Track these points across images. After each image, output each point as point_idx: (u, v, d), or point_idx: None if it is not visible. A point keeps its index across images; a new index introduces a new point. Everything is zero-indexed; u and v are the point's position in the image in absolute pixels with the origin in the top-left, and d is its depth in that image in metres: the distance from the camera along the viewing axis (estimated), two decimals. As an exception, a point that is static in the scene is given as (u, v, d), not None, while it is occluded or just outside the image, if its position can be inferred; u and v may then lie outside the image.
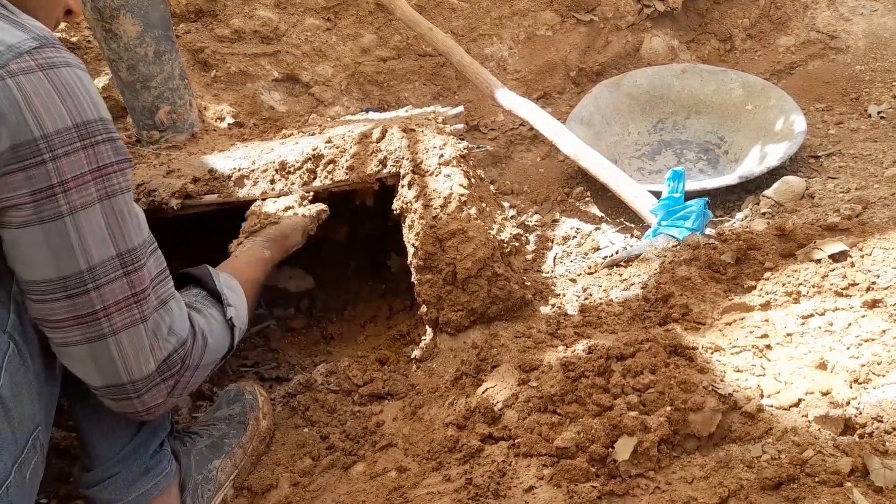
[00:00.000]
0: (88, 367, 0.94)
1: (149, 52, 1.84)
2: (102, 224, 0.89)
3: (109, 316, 0.91)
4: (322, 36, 2.65)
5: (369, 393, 1.49)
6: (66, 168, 0.84)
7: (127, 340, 0.93)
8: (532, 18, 2.82)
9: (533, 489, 1.11)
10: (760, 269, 1.47)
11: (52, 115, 0.83)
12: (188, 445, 1.27)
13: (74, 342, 0.91)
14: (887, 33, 2.78)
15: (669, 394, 1.13)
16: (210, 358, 1.08)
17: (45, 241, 0.85)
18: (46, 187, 0.83)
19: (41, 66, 0.83)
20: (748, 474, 1.02)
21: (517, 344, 1.46)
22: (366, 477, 1.26)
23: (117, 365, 0.94)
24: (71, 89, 0.85)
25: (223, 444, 1.31)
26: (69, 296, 0.88)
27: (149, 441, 1.16)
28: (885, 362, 1.13)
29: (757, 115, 2.46)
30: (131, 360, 0.94)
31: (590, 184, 2.29)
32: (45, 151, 0.82)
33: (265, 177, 1.65)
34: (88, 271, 0.88)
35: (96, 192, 0.88)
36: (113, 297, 0.91)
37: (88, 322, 0.90)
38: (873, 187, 1.95)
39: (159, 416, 1.09)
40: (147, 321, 0.95)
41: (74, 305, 0.89)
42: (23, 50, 0.83)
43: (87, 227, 0.87)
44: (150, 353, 0.96)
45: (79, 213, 0.86)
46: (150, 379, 0.97)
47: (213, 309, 1.14)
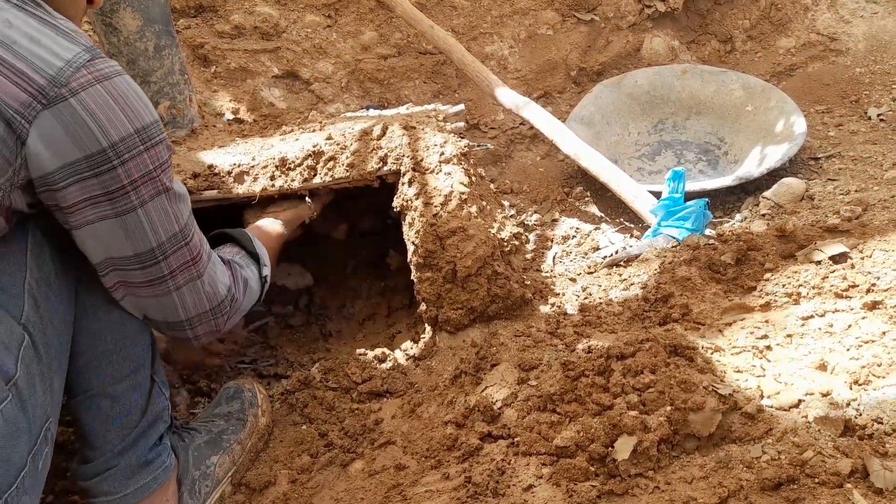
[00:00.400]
0: (154, 311, 1.11)
1: (149, 47, 1.84)
2: (167, 208, 1.02)
3: (174, 277, 1.07)
4: (322, 33, 2.65)
5: (368, 390, 1.48)
6: (133, 170, 0.96)
7: (188, 293, 1.10)
8: (533, 17, 2.82)
9: (532, 488, 1.10)
10: (761, 270, 1.47)
11: (115, 124, 0.92)
12: (186, 441, 1.28)
13: (145, 296, 1.08)
14: (887, 36, 2.78)
15: (669, 393, 1.13)
16: (247, 304, 1.24)
17: (122, 228, 0.99)
18: (119, 188, 0.95)
19: (98, 79, 0.91)
20: (748, 475, 1.02)
21: (517, 343, 1.46)
22: (364, 474, 1.25)
23: (178, 310, 1.11)
24: (126, 97, 0.94)
25: (222, 440, 1.31)
26: (143, 267, 1.03)
27: (148, 434, 1.17)
28: (885, 364, 1.13)
29: (757, 117, 2.46)
30: (189, 306, 1.11)
31: (589, 183, 2.29)
32: (114, 158, 0.93)
33: (265, 173, 1.65)
34: (158, 247, 1.03)
35: (160, 185, 1.00)
36: (177, 263, 1.06)
37: (157, 283, 1.06)
38: (873, 189, 1.96)
39: (203, 342, 1.21)
40: (202, 276, 1.11)
41: (147, 273, 1.04)
42: (79, 64, 0.90)
43: (155, 214, 1.01)
44: (206, 299, 1.13)
45: (147, 205, 0.99)
46: (203, 317, 1.14)
47: (251, 266, 1.29)
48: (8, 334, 0.92)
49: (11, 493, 0.89)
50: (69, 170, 0.91)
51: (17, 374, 0.91)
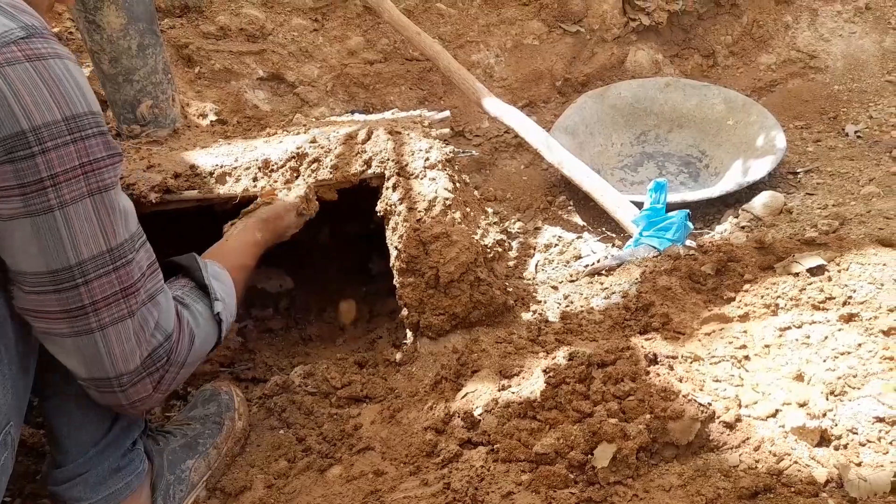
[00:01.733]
0: (74, 358, 0.93)
1: (132, 45, 1.82)
2: (93, 219, 0.87)
3: (97, 311, 0.90)
4: (309, 36, 2.64)
5: (347, 396, 1.47)
6: (55, 162, 0.83)
7: (114, 336, 0.92)
8: (519, 27, 2.83)
9: (511, 495, 1.10)
10: (740, 281, 1.48)
11: (41, 107, 0.82)
12: (161, 444, 1.25)
13: (61, 334, 0.91)
14: (864, 55, 2.84)
15: (649, 401, 1.13)
16: (197, 354, 1.07)
17: (34, 234, 0.84)
18: (36, 181, 0.82)
19: (28, 57, 0.82)
20: (725, 483, 1.03)
21: (498, 349, 1.46)
22: (342, 480, 1.24)
23: (103, 359, 0.93)
24: (59, 81, 0.84)
25: (197, 443, 1.28)
26: (58, 290, 0.87)
27: (121, 439, 1.13)
28: (861, 375, 1.14)
29: (738, 131, 2.49)
30: (117, 354, 0.93)
31: (572, 193, 2.30)
32: (35, 144, 0.81)
33: (248, 174, 1.63)
34: (77, 266, 0.87)
35: (86, 187, 0.86)
36: (101, 293, 0.90)
37: (76, 316, 0.89)
38: (850, 204, 1.99)
39: (143, 411, 1.08)
40: (134, 316, 0.94)
41: (63, 299, 0.88)
42: (9, 40, 0.81)
43: (77, 221, 0.86)
44: (137, 347, 0.95)
45: (69, 208, 0.85)
46: (135, 374, 0.96)
47: (200, 304, 1.12)
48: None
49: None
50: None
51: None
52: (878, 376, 1.13)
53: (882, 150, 2.37)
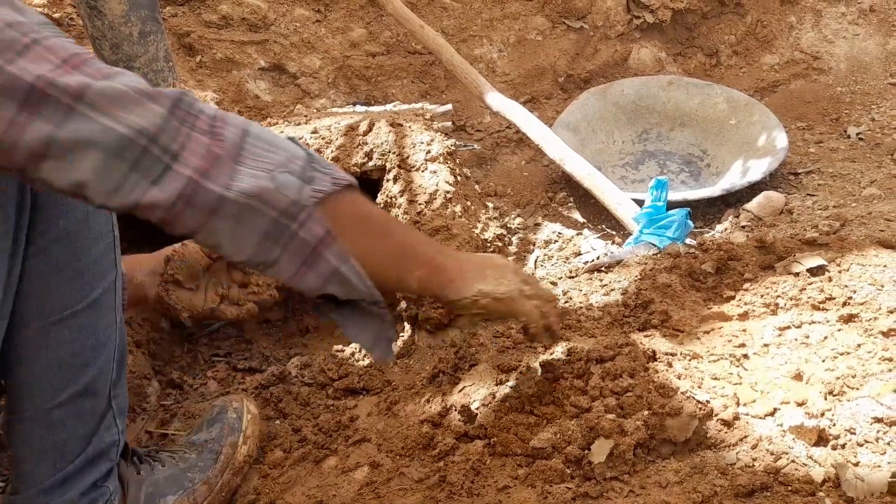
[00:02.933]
0: (94, 159, 0.70)
1: (133, 32, 1.81)
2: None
3: (53, 84, 0.68)
4: (311, 27, 2.63)
5: (344, 387, 1.47)
6: None
7: (100, 100, 0.70)
8: (523, 22, 2.83)
9: (507, 488, 1.10)
10: (740, 280, 1.48)
11: None
12: (143, 473, 1.10)
13: (48, 135, 0.68)
14: (868, 57, 2.84)
15: (647, 398, 1.13)
16: (264, 161, 0.78)
17: None
18: None
19: None
20: (722, 481, 1.03)
21: (496, 344, 1.45)
22: (337, 471, 1.24)
23: (117, 130, 0.70)
24: None
25: (185, 477, 1.14)
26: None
27: (84, 473, 0.99)
28: (860, 375, 1.14)
29: (740, 130, 2.49)
30: (121, 113, 0.71)
31: (573, 189, 2.29)
32: None
33: (248, 164, 1.63)
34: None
35: None
36: (36, 69, 0.67)
37: (38, 102, 0.67)
38: (851, 205, 1.99)
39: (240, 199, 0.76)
40: (113, 77, 0.72)
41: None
42: None
43: None
44: (143, 101, 0.72)
45: None
46: (168, 124, 0.73)
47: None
48: None
49: None
50: None
51: None
52: (877, 377, 1.13)
53: (884, 153, 2.37)
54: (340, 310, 0.92)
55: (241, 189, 0.76)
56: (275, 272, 0.83)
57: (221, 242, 0.79)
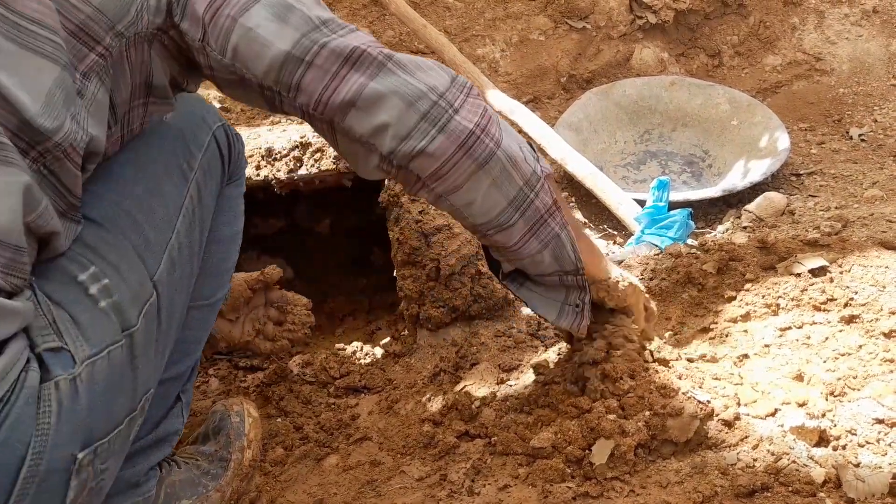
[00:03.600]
0: (392, 107, 0.86)
1: (137, 30, 1.81)
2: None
3: (369, 48, 0.87)
4: (314, 26, 2.63)
5: (345, 386, 1.47)
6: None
7: (405, 60, 0.89)
8: (525, 22, 2.83)
9: (508, 487, 1.10)
10: (741, 280, 1.48)
11: None
12: (163, 472, 1.12)
13: (363, 85, 0.86)
14: (870, 59, 2.84)
15: (649, 398, 1.13)
16: (505, 139, 0.92)
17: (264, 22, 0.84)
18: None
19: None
20: (722, 481, 1.03)
21: (497, 343, 1.46)
22: (339, 469, 1.24)
23: (414, 84, 0.87)
24: None
25: (199, 483, 1.15)
26: (321, 44, 0.85)
27: (150, 452, 1.03)
28: (861, 377, 1.14)
29: (742, 131, 2.49)
30: (421, 75, 0.88)
31: (575, 189, 2.29)
32: None
33: (251, 162, 1.63)
34: (323, 23, 0.87)
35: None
36: (358, 39, 0.88)
37: (357, 58, 0.86)
38: (853, 207, 1.99)
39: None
40: (397, 55, 0.90)
41: (333, 50, 0.86)
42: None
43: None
44: (432, 70, 0.90)
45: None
46: (452, 91, 0.88)
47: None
48: (138, 286, 0.87)
49: (103, 445, 0.82)
50: None
51: (137, 326, 0.85)
52: (878, 378, 1.13)
53: (886, 154, 2.37)
54: (526, 286, 1.05)
55: (506, 149, 0.91)
56: (505, 237, 0.95)
57: (475, 200, 0.91)
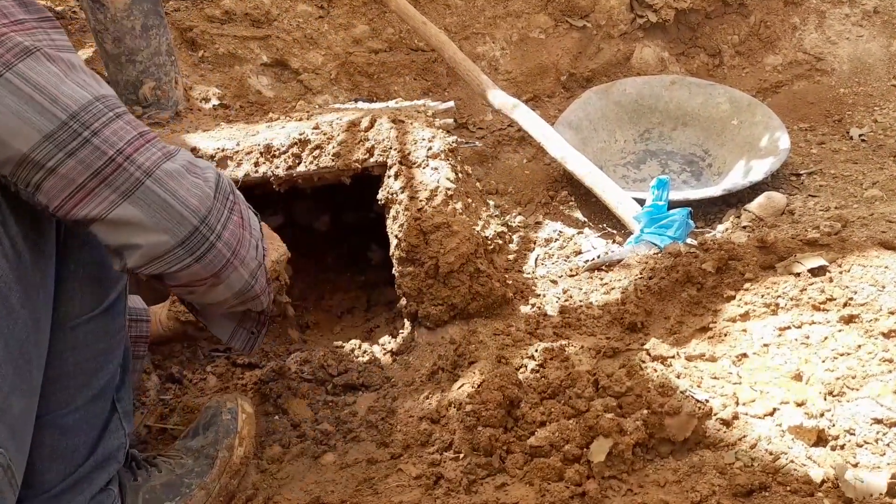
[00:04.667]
0: (149, 229, 0.80)
1: (136, 26, 1.80)
2: (59, 74, 0.75)
3: (130, 158, 0.78)
4: (314, 23, 2.62)
5: (343, 383, 1.47)
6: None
7: (166, 176, 0.81)
8: (526, 20, 2.82)
9: (505, 486, 1.10)
10: (740, 280, 1.47)
11: None
12: (140, 480, 1.10)
13: (115, 204, 0.78)
14: (871, 59, 2.83)
15: (647, 397, 1.13)
16: (248, 246, 0.92)
17: (7, 103, 0.72)
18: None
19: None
20: (720, 480, 1.03)
21: (496, 341, 1.45)
22: (336, 467, 1.24)
23: (174, 204, 0.81)
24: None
25: (182, 483, 1.13)
26: (69, 153, 0.75)
27: (93, 476, 0.98)
28: (860, 376, 1.13)
29: (742, 131, 2.48)
30: (183, 194, 0.82)
31: (574, 188, 2.29)
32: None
33: (249, 159, 1.63)
34: (73, 118, 0.75)
35: (25, 46, 0.73)
36: (120, 139, 0.78)
37: (113, 173, 0.77)
38: (853, 207, 1.98)
39: (246, 277, 0.92)
40: (174, 158, 0.83)
41: (83, 161, 0.76)
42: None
43: (39, 78, 0.73)
44: (196, 181, 0.84)
45: (18, 66, 0.73)
46: (215, 210, 0.85)
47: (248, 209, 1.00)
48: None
49: None
50: None
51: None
52: (877, 378, 1.12)
53: (886, 154, 2.36)
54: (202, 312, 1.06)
55: (248, 264, 0.93)
56: (219, 306, 1.00)
57: (207, 298, 0.94)
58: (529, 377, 1.26)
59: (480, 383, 1.23)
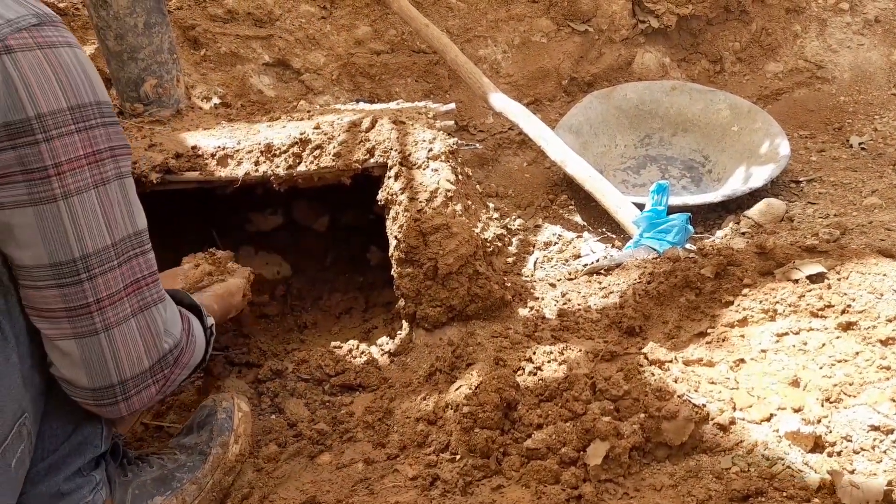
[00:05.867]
0: (78, 366, 0.90)
1: (138, 23, 1.81)
2: (97, 211, 0.86)
3: (102, 310, 0.88)
4: (316, 24, 2.63)
5: (341, 384, 1.46)
6: (59, 151, 0.82)
7: (120, 338, 0.90)
8: (528, 24, 2.82)
9: (501, 488, 1.09)
10: (739, 285, 1.48)
11: (48, 94, 0.81)
12: (130, 476, 1.10)
13: (64, 336, 0.88)
14: (871, 68, 2.84)
15: (644, 401, 1.13)
16: (193, 363, 1.04)
17: (37, 224, 0.82)
18: (39, 168, 0.81)
19: (40, 45, 0.82)
20: (717, 485, 1.03)
21: (493, 343, 1.45)
22: (332, 467, 1.23)
23: (108, 364, 0.90)
24: (68, 70, 0.83)
25: (173, 478, 1.13)
26: (61, 285, 0.85)
27: (68, 461, 0.99)
28: (857, 383, 1.14)
29: (742, 137, 2.49)
30: (123, 358, 0.91)
31: (574, 192, 2.29)
32: (39, 131, 0.81)
33: (250, 158, 1.63)
34: (82, 259, 0.85)
35: (91, 178, 0.85)
36: (106, 290, 0.88)
37: (80, 315, 0.87)
38: (852, 214, 1.99)
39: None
40: (141, 315, 0.92)
41: (66, 295, 0.86)
42: (22, 26, 0.81)
43: (82, 213, 0.84)
44: (145, 351, 0.93)
45: (73, 198, 0.83)
46: (142, 378, 0.94)
47: (193, 319, 1.10)
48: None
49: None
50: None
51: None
52: (874, 385, 1.13)
53: (885, 163, 2.37)
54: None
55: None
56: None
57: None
58: (527, 380, 1.26)
59: (478, 385, 1.23)
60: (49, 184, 0.82)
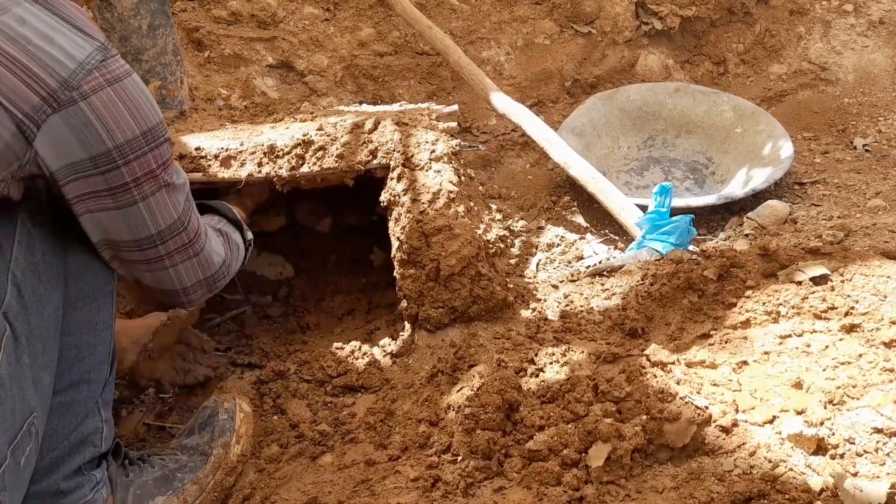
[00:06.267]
0: (148, 279, 1.11)
1: (143, 25, 1.81)
2: (166, 201, 1.04)
3: (171, 257, 1.09)
4: (320, 26, 2.63)
5: (343, 385, 1.47)
6: (136, 169, 0.97)
7: (183, 269, 1.12)
8: (531, 26, 2.82)
9: (503, 489, 1.09)
10: (742, 287, 1.47)
11: (122, 127, 0.94)
12: (132, 476, 1.13)
13: (143, 277, 1.11)
14: (876, 70, 2.83)
15: (646, 402, 1.13)
16: (237, 266, 1.27)
17: (123, 221, 1.01)
18: (121, 185, 0.97)
19: (109, 81, 0.93)
20: (719, 487, 1.02)
21: (496, 345, 1.45)
22: (334, 468, 1.24)
23: (174, 280, 1.12)
24: (135, 100, 0.96)
25: (174, 478, 1.15)
26: (141, 250, 1.05)
27: (68, 459, 1.02)
28: (860, 385, 1.13)
29: (746, 139, 2.48)
30: (184, 277, 1.13)
31: (577, 193, 2.29)
32: (119, 159, 0.95)
33: (253, 159, 1.63)
34: (157, 234, 1.05)
35: (161, 181, 1.02)
36: (174, 246, 1.09)
37: (154, 263, 1.08)
38: (855, 216, 1.98)
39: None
40: (199, 254, 1.14)
41: (145, 255, 1.06)
42: (92, 66, 0.91)
43: (155, 206, 1.03)
44: (201, 271, 1.15)
45: (148, 199, 1.01)
46: (197, 286, 1.15)
47: (236, 233, 1.32)
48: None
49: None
50: (73, 168, 0.93)
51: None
52: (877, 387, 1.12)
53: (890, 165, 2.36)
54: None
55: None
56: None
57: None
58: (529, 381, 1.26)
59: (480, 386, 1.23)
60: (129, 193, 0.98)
